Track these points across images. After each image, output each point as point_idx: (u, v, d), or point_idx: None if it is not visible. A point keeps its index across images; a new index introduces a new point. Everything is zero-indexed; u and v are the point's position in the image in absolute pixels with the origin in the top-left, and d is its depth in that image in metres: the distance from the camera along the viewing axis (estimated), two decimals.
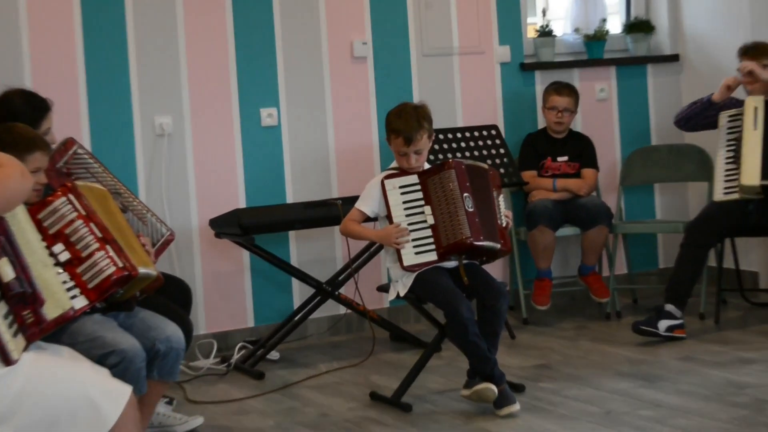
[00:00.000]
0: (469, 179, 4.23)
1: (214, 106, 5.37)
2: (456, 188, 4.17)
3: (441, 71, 5.84)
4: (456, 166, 4.21)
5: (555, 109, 5.74)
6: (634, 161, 6.04)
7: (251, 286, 5.48)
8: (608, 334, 5.35)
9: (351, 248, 4.99)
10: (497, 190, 4.33)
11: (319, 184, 5.56)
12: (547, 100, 5.78)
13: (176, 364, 3.58)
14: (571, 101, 5.75)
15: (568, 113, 5.76)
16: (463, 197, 4.17)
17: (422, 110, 4.23)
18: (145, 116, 5.23)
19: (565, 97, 5.74)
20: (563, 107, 5.74)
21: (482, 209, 4.22)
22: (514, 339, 5.32)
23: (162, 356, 3.53)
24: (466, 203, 4.17)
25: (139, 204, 4.37)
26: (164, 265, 5.12)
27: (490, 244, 4.19)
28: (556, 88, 5.76)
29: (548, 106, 5.77)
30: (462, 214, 4.15)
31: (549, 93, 5.78)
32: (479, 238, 4.16)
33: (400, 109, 4.25)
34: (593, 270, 5.75)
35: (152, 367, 3.53)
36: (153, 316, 3.63)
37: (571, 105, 5.76)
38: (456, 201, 4.16)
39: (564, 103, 5.74)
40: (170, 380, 3.61)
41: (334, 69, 5.60)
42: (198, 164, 5.34)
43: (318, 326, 5.60)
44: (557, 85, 5.78)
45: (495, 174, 4.37)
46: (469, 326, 4.08)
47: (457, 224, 4.14)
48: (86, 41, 5.11)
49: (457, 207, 4.16)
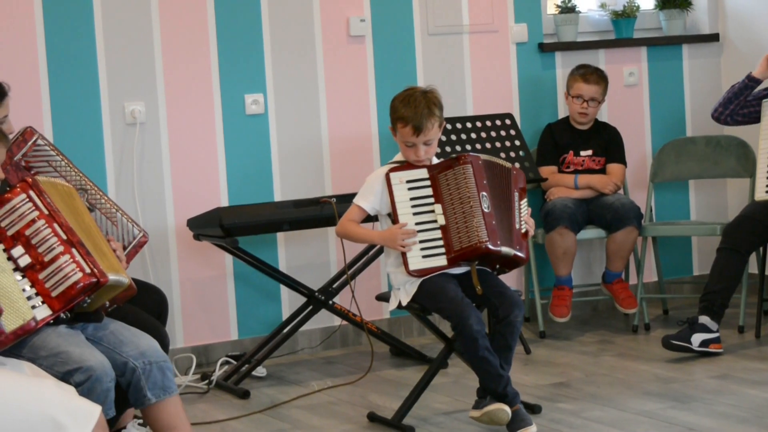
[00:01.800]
0: (487, 176, 4.24)
1: (193, 90, 5.39)
2: (473, 185, 4.19)
3: (449, 52, 5.86)
4: (473, 161, 4.22)
5: (580, 99, 5.74)
6: (667, 155, 6.06)
7: (235, 295, 5.50)
8: (635, 350, 5.38)
9: (346, 252, 5.01)
10: (520, 193, 4.34)
11: (312, 180, 5.58)
12: (572, 86, 5.79)
13: (166, 377, 3.57)
14: (599, 90, 5.75)
15: (595, 103, 5.77)
16: (479, 195, 4.19)
17: (432, 95, 4.24)
18: (114, 102, 5.25)
19: (593, 85, 5.74)
20: (590, 96, 5.74)
21: (500, 211, 4.24)
22: (529, 354, 5.34)
23: (145, 375, 3.54)
24: (482, 203, 4.18)
25: (108, 202, 4.40)
26: (137, 270, 5.15)
27: (507, 250, 4.22)
28: (583, 74, 5.75)
29: (573, 93, 5.78)
30: (478, 215, 4.16)
31: (574, 79, 5.78)
32: (497, 243, 4.18)
33: (407, 94, 4.25)
34: (619, 277, 5.78)
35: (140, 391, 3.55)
36: (125, 329, 3.65)
37: (599, 94, 5.76)
38: (472, 200, 4.16)
39: (591, 92, 5.74)
40: (169, 396, 3.58)
41: (328, 49, 5.63)
42: (174, 157, 5.36)
43: (310, 339, 5.63)
44: (584, 70, 5.77)
45: (519, 174, 4.37)
46: (479, 340, 4.10)
47: (472, 226, 4.15)
48: (47, 16, 5.11)
49: (473, 207, 4.16)
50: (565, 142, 5.82)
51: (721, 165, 5.99)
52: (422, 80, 5.70)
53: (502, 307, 4.18)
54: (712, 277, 5.26)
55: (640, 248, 5.85)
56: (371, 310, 5.55)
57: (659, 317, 6.01)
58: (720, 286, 5.20)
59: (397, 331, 5.71)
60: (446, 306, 4.15)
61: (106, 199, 4.39)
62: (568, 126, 5.86)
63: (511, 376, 4.21)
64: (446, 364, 4.84)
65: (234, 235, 4.96)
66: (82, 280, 3.38)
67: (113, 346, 3.56)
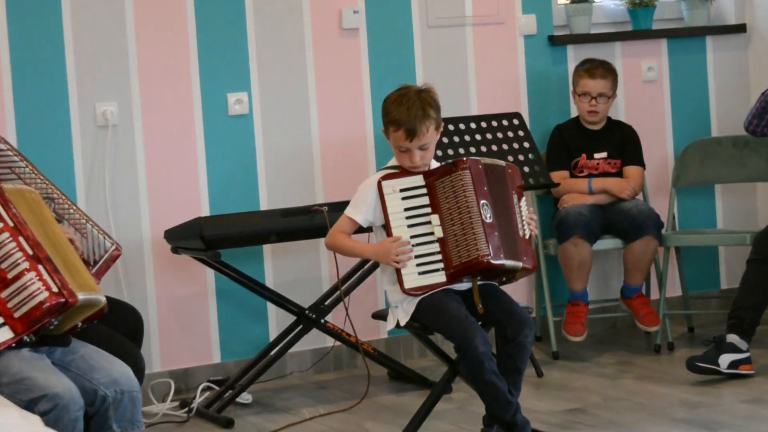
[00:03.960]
0: (488, 182, 4.24)
1: (170, 89, 5.40)
2: (472, 194, 4.20)
3: (450, 46, 5.87)
4: (472, 166, 4.23)
5: (588, 96, 5.77)
6: (691, 157, 6.06)
7: (217, 313, 5.50)
8: (658, 371, 5.38)
9: (340, 266, 5.02)
10: (517, 192, 4.35)
11: (301, 187, 5.59)
12: (577, 84, 5.81)
13: (136, 409, 3.59)
14: (607, 84, 5.77)
15: (605, 99, 5.78)
16: (480, 205, 4.20)
17: (427, 95, 4.24)
18: (84, 103, 5.25)
19: (599, 79, 5.75)
20: (598, 92, 5.76)
21: (503, 219, 4.25)
22: (541, 377, 5.35)
23: (115, 404, 3.54)
24: (483, 212, 4.19)
25: (77, 212, 4.40)
26: (109, 287, 5.14)
27: (512, 264, 4.23)
28: (588, 69, 5.77)
29: (579, 91, 5.80)
30: (478, 226, 4.17)
31: (579, 75, 5.80)
32: (499, 257, 4.19)
33: (400, 94, 4.25)
34: (639, 292, 5.78)
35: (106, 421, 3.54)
36: (96, 354, 3.65)
37: (608, 89, 5.78)
38: (471, 209, 4.17)
39: (598, 87, 5.76)
40: (137, 430, 3.61)
41: (319, 44, 5.64)
42: (150, 162, 5.37)
43: (300, 362, 5.63)
44: (589, 65, 5.79)
45: (515, 171, 4.38)
46: (485, 362, 4.10)
47: (472, 239, 4.15)
48: (9, 8, 5.12)
49: (473, 217, 4.17)
50: (577, 144, 5.83)
51: (750, 167, 6.01)
52: (421, 77, 5.71)
53: (511, 325, 4.18)
54: (742, 292, 5.26)
55: (662, 260, 5.86)
56: (367, 330, 5.55)
57: (684, 335, 6.02)
58: (750, 301, 5.21)
59: (396, 353, 5.71)
60: (449, 325, 4.15)
61: (75, 209, 4.38)
62: (578, 127, 5.87)
63: (520, 402, 4.22)
64: (450, 388, 4.84)
65: (216, 247, 4.96)
66: (49, 299, 3.38)
67: (83, 372, 3.57)
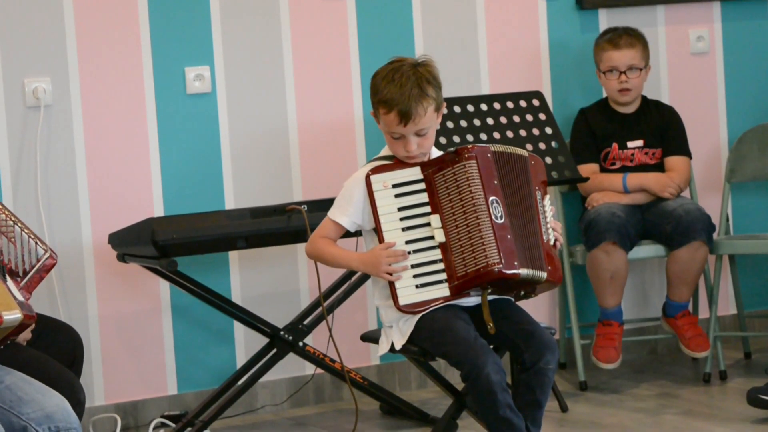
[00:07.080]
0: (499, 174, 4.23)
1: (115, 63, 5.40)
2: (479, 188, 4.18)
3: (457, 11, 5.86)
4: (479, 155, 4.20)
5: (615, 71, 5.78)
6: (749, 146, 6.06)
7: (173, 335, 5.51)
8: (708, 406, 5.39)
9: (322, 278, 5.00)
10: (541, 189, 4.34)
11: (275, 181, 5.59)
12: (601, 59, 5.83)
13: None
14: (636, 54, 5.78)
15: (636, 73, 5.79)
16: (488, 202, 4.18)
17: (425, 69, 4.22)
18: (10, 79, 5.26)
19: (625, 49, 5.77)
20: (627, 65, 5.77)
21: (519, 220, 4.22)
22: (565, 412, 5.35)
23: None
24: (493, 211, 4.17)
25: (3, 211, 4.38)
26: (42, 303, 5.14)
27: (529, 273, 4.20)
28: (611, 39, 5.80)
29: (604, 68, 5.82)
30: (487, 228, 4.14)
31: (601, 48, 5.83)
32: (513, 265, 4.16)
33: (392, 68, 4.22)
34: (685, 309, 5.78)
35: None
36: (25, 383, 3.64)
37: (638, 59, 5.79)
38: (478, 208, 4.14)
39: (626, 58, 5.77)
40: None
41: (296, 8, 5.63)
42: (91, 150, 5.36)
43: (273, 393, 5.62)
44: (611, 34, 5.82)
45: (538, 163, 4.37)
46: (498, 394, 4.08)
47: (479, 244, 4.14)
48: None
49: (480, 217, 4.14)
50: (606, 131, 5.86)
51: None
52: (421, 49, 5.72)
53: (530, 350, 4.16)
54: None
55: (713, 271, 5.85)
56: (355, 355, 5.57)
57: (739, 362, 6.04)
58: None
59: (390, 383, 5.72)
60: (454, 349, 4.12)
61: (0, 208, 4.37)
62: (607, 110, 5.90)
63: None
64: (455, 425, 4.83)
65: (171, 254, 4.96)
66: None
67: (9, 406, 3.57)
